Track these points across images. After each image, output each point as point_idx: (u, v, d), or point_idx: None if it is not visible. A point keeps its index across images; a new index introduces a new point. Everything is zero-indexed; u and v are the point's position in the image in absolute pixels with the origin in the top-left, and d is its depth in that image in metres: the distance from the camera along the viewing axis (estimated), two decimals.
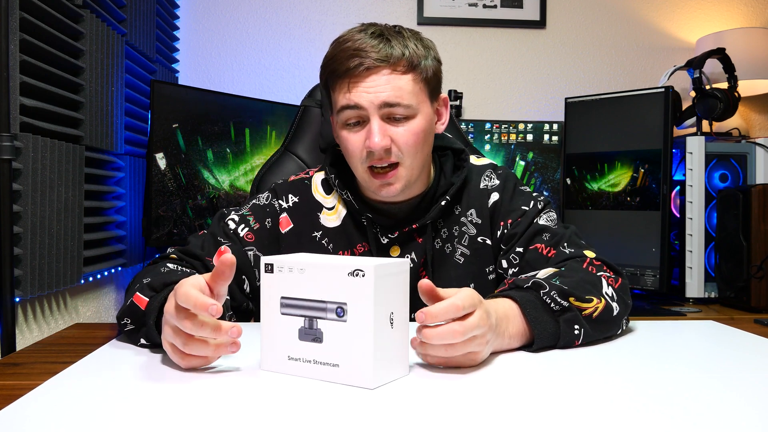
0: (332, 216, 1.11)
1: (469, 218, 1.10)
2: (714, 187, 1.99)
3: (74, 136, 1.47)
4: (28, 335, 1.31)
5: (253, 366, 0.77)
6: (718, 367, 0.79)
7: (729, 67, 2.06)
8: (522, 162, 2.29)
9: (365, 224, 1.08)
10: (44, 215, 1.30)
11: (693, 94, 2.12)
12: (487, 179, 1.13)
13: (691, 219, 1.95)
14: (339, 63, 0.99)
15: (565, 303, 0.86)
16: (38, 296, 1.34)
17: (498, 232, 1.10)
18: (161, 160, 1.80)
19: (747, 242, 1.78)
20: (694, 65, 2.07)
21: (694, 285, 1.94)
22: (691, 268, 1.94)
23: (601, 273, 0.96)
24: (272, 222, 1.10)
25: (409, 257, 1.07)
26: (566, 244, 1.03)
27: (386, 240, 1.07)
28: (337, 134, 1.06)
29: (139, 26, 1.92)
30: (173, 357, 0.75)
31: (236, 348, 0.73)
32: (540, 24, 2.54)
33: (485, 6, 2.52)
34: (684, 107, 2.14)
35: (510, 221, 1.09)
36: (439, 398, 0.66)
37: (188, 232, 1.85)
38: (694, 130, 2.10)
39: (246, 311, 1.07)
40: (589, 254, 1.01)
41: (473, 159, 1.16)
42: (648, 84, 2.53)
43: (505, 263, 1.07)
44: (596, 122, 2.08)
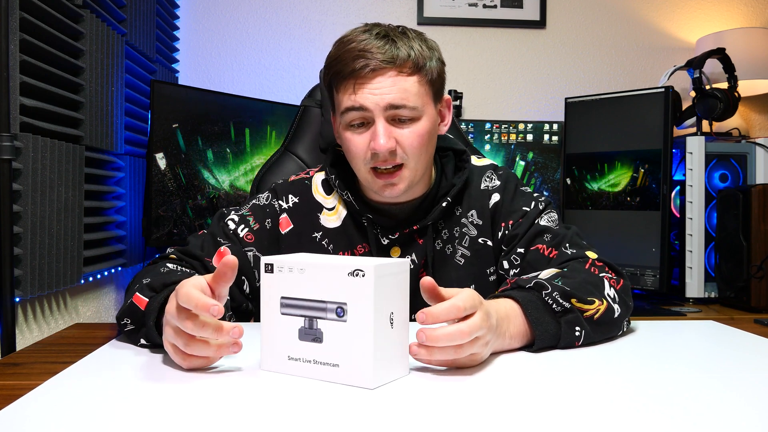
0: (332, 216, 1.10)
1: (470, 219, 1.10)
2: (714, 187, 1.99)
3: (74, 136, 1.47)
4: (28, 335, 1.31)
5: (253, 366, 0.77)
6: (718, 367, 0.79)
7: (729, 67, 2.06)
8: (522, 162, 2.29)
9: (366, 225, 1.07)
10: (44, 215, 1.30)
11: (693, 94, 2.12)
12: (488, 180, 1.12)
13: (691, 219, 1.95)
14: (344, 64, 0.98)
15: (567, 304, 0.86)
16: (38, 296, 1.34)
17: (499, 233, 1.09)
18: (161, 160, 1.80)
19: (747, 242, 1.78)
20: (694, 65, 2.07)
21: (694, 285, 1.94)
22: (691, 268, 1.94)
23: (603, 274, 0.96)
24: (272, 222, 1.10)
25: (410, 258, 1.07)
26: (568, 245, 1.03)
27: (387, 241, 1.07)
28: (340, 135, 1.05)
29: (139, 26, 1.92)
30: (175, 358, 0.75)
31: (238, 348, 0.73)
32: (540, 24, 2.54)
33: (485, 6, 2.52)
34: (684, 107, 2.14)
35: (511, 222, 1.08)
36: (439, 398, 0.66)
37: (188, 232, 1.85)
38: (694, 130, 2.10)
39: (245, 312, 1.07)
40: (591, 255, 1.00)
41: (474, 159, 1.15)
42: (648, 84, 2.53)
43: (506, 264, 1.07)
44: (596, 122, 2.08)
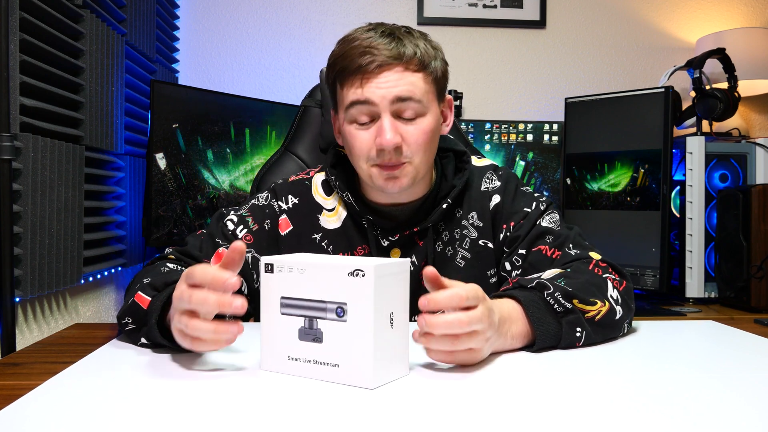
0: (332, 218, 1.10)
1: (471, 221, 1.09)
2: (714, 187, 1.99)
3: (74, 136, 1.47)
4: (28, 335, 1.31)
5: (253, 366, 0.77)
6: (718, 367, 0.79)
7: (729, 67, 2.06)
8: (522, 162, 2.29)
9: (366, 226, 1.06)
10: (44, 215, 1.30)
11: (693, 94, 2.12)
12: (488, 181, 1.11)
13: (691, 219, 1.95)
14: (350, 60, 0.97)
15: (569, 305, 0.86)
16: (38, 296, 1.34)
17: (501, 235, 1.09)
18: (161, 160, 1.80)
19: (747, 242, 1.77)
20: (694, 65, 2.07)
21: (694, 285, 1.94)
22: (691, 268, 1.94)
23: (607, 275, 0.96)
24: (271, 224, 1.09)
25: (410, 260, 1.07)
26: (571, 246, 1.02)
27: (387, 242, 1.06)
28: (342, 132, 1.03)
29: (139, 26, 1.92)
30: (184, 343, 0.75)
31: (241, 310, 0.72)
32: (540, 24, 2.54)
33: (485, 6, 2.52)
34: (684, 107, 2.14)
35: (512, 224, 1.08)
36: (439, 398, 0.66)
37: (188, 232, 1.85)
38: (694, 130, 2.10)
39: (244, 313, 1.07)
40: (595, 256, 1.00)
41: (474, 160, 1.15)
42: (648, 84, 2.53)
43: (509, 266, 1.06)
44: (596, 122, 2.08)
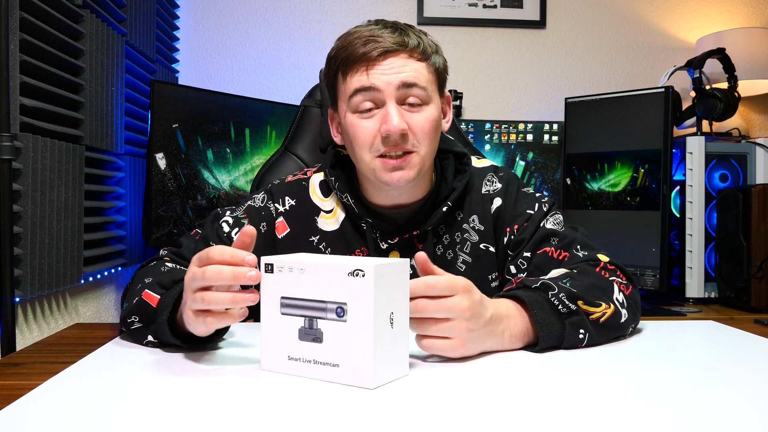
0: (330, 219, 1.08)
1: (472, 225, 1.08)
2: (714, 187, 1.99)
3: (74, 136, 1.47)
4: (28, 335, 1.31)
5: (253, 366, 0.77)
6: (718, 367, 0.79)
7: (729, 67, 2.06)
8: (522, 162, 2.29)
9: (365, 229, 1.05)
10: (44, 215, 1.30)
11: (693, 94, 2.12)
12: (489, 183, 1.10)
13: (691, 219, 1.95)
14: (353, 49, 0.96)
15: (573, 306, 0.85)
16: (38, 296, 1.34)
17: (504, 239, 1.06)
18: (161, 160, 1.80)
19: (747, 242, 1.77)
20: (694, 65, 2.07)
21: (694, 285, 1.94)
22: (691, 268, 1.94)
23: (614, 278, 0.94)
24: (267, 226, 1.08)
25: (410, 261, 1.06)
26: (579, 247, 1.01)
27: (386, 245, 1.05)
28: (344, 125, 1.01)
29: (139, 26, 1.92)
30: (197, 324, 0.75)
31: (254, 298, 0.72)
32: (540, 24, 2.54)
33: (485, 6, 2.52)
34: (684, 107, 2.14)
35: (516, 227, 1.05)
36: (439, 398, 0.66)
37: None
38: (694, 130, 2.10)
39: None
40: (603, 258, 0.98)
41: (474, 161, 1.13)
42: (648, 84, 2.52)
43: (514, 269, 1.04)
44: (596, 122, 2.08)
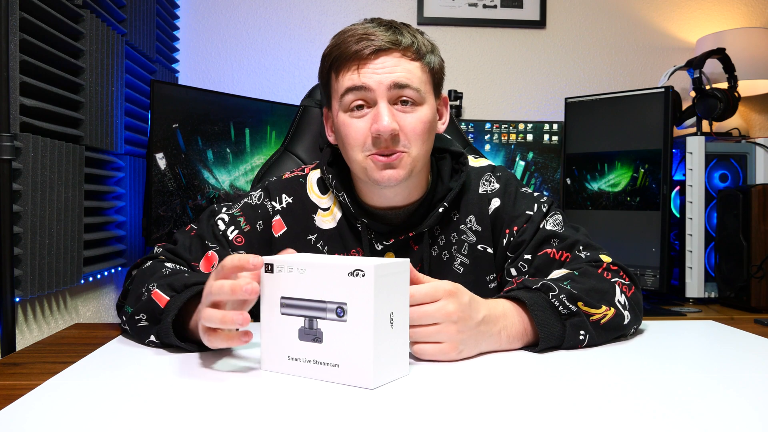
0: (328, 217, 1.07)
1: (468, 225, 1.06)
2: (714, 187, 1.99)
3: (74, 136, 1.47)
4: (28, 335, 1.31)
5: (253, 366, 0.77)
6: (718, 367, 0.79)
7: (729, 67, 2.06)
8: (522, 162, 2.29)
9: (360, 229, 1.04)
10: (44, 215, 1.30)
11: (693, 94, 2.12)
12: (487, 183, 1.08)
13: (691, 219, 1.95)
14: (346, 47, 0.96)
15: (574, 307, 0.85)
16: (38, 296, 1.34)
17: (503, 240, 1.05)
18: (161, 160, 1.80)
19: (747, 242, 1.77)
20: (694, 65, 2.07)
21: (694, 285, 1.94)
22: (691, 268, 1.94)
23: (616, 279, 0.93)
24: (264, 225, 1.07)
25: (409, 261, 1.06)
26: (582, 248, 1.00)
27: (381, 246, 1.04)
28: (336, 124, 1.00)
29: (139, 26, 1.91)
30: (203, 339, 0.75)
31: (253, 296, 0.71)
32: (540, 24, 2.54)
33: (485, 6, 2.52)
34: (684, 107, 2.14)
35: (515, 228, 1.04)
36: (439, 398, 0.66)
37: None
38: (694, 130, 2.10)
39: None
40: (606, 259, 0.97)
41: (471, 160, 1.11)
42: (648, 84, 2.52)
43: (514, 271, 1.03)
44: (596, 122, 2.08)
